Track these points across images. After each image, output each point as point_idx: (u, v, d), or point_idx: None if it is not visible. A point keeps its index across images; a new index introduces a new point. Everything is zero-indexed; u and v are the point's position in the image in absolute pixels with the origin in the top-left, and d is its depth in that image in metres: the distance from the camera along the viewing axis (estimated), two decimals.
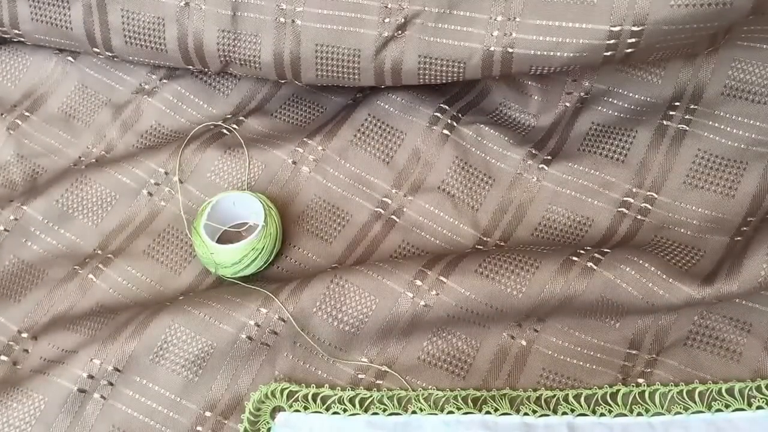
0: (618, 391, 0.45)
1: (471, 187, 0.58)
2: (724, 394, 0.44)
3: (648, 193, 0.55)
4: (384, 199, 0.58)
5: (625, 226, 0.55)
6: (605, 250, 0.51)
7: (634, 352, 0.49)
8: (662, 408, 0.44)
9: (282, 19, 0.55)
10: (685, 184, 0.55)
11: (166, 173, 0.60)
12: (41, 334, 0.53)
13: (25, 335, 0.54)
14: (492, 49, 0.52)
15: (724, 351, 0.48)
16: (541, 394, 0.45)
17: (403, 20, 0.53)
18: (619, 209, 0.55)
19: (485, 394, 0.45)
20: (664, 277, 0.49)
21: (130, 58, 0.62)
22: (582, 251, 0.51)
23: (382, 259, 0.56)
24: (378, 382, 0.49)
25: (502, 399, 0.45)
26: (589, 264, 0.50)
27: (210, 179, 0.59)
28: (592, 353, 0.49)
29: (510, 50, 0.52)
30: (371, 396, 0.47)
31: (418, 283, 0.51)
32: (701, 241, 0.53)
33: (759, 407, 0.43)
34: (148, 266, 0.56)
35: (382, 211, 0.58)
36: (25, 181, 0.62)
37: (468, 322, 0.50)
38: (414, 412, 0.45)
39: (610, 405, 0.45)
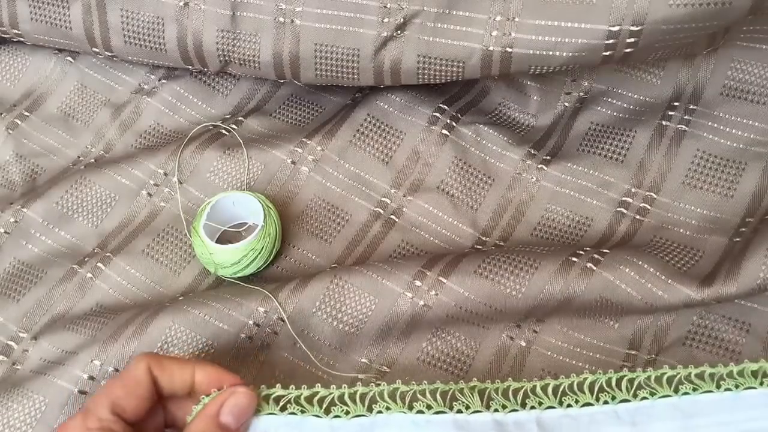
0: (585, 380, 0.43)
1: (470, 186, 0.58)
2: (694, 378, 0.42)
3: (647, 193, 0.55)
4: (383, 198, 0.58)
5: (624, 226, 0.55)
6: (604, 250, 0.51)
7: (633, 352, 0.49)
8: (629, 394, 0.42)
9: (281, 19, 0.55)
10: (684, 184, 0.55)
11: (165, 174, 0.60)
12: (41, 335, 0.53)
13: (24, 335, 0.54)
14: (491, 48, 0.52)
15: (723, 351, 0.48)
16: (509, 386, 0.43)
17: (402, 20, 0.53)
18: (618, 209, 0.56)
19: (453, 388, 0.42)
20: (663, 278, 0.49)
21: (130, 58, 0.62)
22: (581, 252, 0.51)
23: (381, 258, 0.56)
24: (378, 382, 0.49)
25: (471, 392, 0.42)
26: (589, 265, 0.50)
27: (209, 179, 0.59)
28: (591, 354, 0.49)
29: (509, 50, 0.52)
30: (330, 394, 0.42)
31: (418, 283, 0.51)
32: (700, 241, 0.53)
33: (727, 389, 0.41)
34: (148, 266, 0.56)
35: (382, 211, 0.58)
36: (24, 180, 0.62)
37: (467, 323, 0.51)
38: (380, 412, 0.41)
39: (576, 394, 0.42)
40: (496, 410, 0.41)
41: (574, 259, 0.51)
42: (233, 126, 0.62)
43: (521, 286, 0.50)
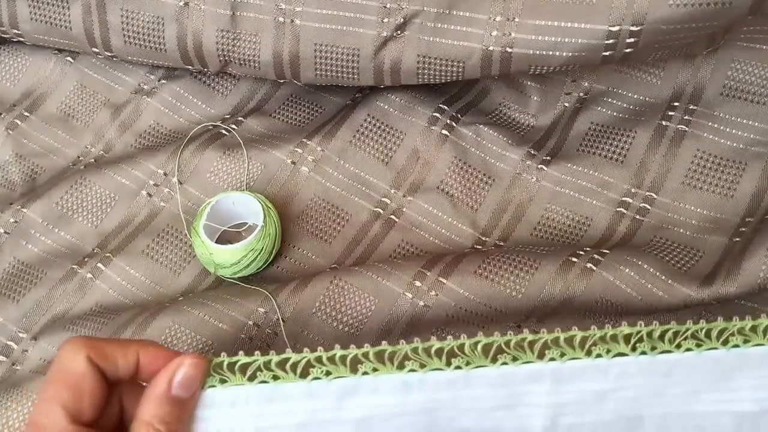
0: (593, 334, 0.36)
1: (470, 187, 0.58)
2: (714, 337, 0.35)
3: (647, 193, 0.55)
4: (383, 199, 0.58)
5: (624, 226, 0.55)
6: (604, 251, 0.51)
7: None
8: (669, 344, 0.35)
9: (281, 19, 0.55)
10: (683, 184, 0.55)
11: (165, 174, 0.60)
12: (41, 335, 0.53)
13: (24, 335, 0.54)
14: (491, 48, 0.52)
15: None
16: (525, 338, 0.36)
17: (402, 20, 0.53)
18: (618, 209, 0.55)
19: (451, 344, 0.36)
20: (663, 278, 0.49)
21: (130, 58, 0.62)
22: (581, 252, 0.51)
23: (381, 258, 0.56)
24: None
25: (473, 348, 0.35)
26: (589, 265, 0.50)
27: (209, 180, 0.59)
28: None
29: (509, 50, 0.52)
30: (305, 357, 0.36)
31: (418, 284, 0.51)
32: (700, 241, 0.53)
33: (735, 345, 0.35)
34: (148, 267, 0.56)
35: (382, 211, 0.58)
36: (23, 180, 0.62)
37: (467, 323, 0.50)
38: (365, 373, 0.36)
39: (608, 344, 0.35)
40: (504, 363, 0.35)
41: (574, 259, 0.51)
42: (233, 126, 0.62)
43: (521, 286, 0.50)
